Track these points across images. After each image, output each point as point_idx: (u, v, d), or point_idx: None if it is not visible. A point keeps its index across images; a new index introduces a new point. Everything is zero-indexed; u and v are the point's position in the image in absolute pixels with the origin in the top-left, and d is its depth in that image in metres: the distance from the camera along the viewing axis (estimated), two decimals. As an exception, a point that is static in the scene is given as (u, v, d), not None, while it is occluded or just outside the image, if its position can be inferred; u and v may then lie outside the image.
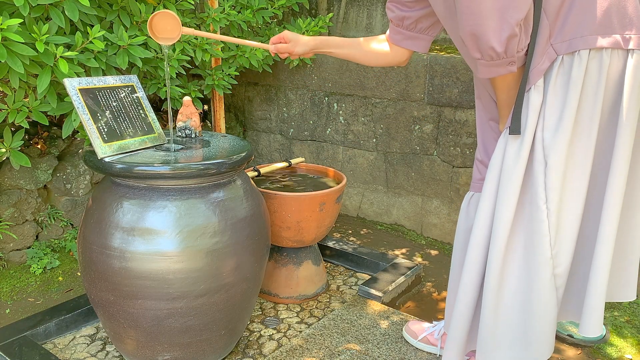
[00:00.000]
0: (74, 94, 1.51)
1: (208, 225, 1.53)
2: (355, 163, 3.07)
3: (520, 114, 1.31)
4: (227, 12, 2.47)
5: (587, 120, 1.27)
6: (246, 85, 3.37)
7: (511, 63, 1.26)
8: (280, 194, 1.99)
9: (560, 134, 1.27)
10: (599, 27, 1.22)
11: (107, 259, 1.50)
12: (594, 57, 1.23)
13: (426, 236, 2.89)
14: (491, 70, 1.28)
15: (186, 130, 1.76)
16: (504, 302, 1.42)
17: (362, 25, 3.32)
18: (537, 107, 1.29)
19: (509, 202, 1.34)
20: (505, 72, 1.28)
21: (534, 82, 1.29)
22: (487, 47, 1.21)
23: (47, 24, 1.67)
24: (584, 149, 1.29)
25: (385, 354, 1.80)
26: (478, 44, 1.22)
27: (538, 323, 1.39)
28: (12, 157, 1.88)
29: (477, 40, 1.21)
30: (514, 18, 1.17)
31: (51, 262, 2.38)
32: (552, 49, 1.26)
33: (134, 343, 1.62)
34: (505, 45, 1.20)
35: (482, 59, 1.25)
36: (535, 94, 1.29)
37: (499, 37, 1.19)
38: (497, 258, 1.38)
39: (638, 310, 2.16)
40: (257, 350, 1.86)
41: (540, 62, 1.27)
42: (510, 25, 1.18)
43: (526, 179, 1.34)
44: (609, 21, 1.22)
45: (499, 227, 1.36)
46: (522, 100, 1.30)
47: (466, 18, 1.20)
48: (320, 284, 2.23)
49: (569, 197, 1.32)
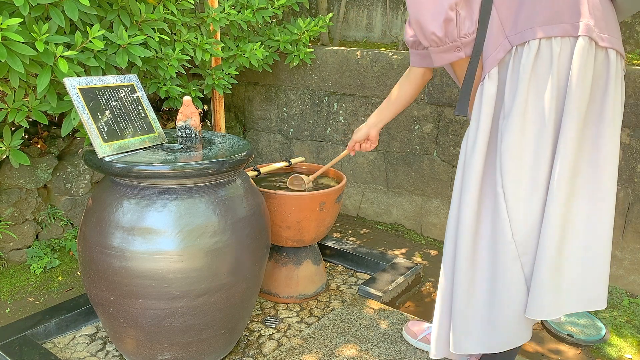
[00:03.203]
0: (74, 94, 1.51)
1: (208, 224, 1.53)
2: (355, 163, 3.07)
3: (467, 97, 1.36)
4: (227, 11, 2.46)
5: (539, 108, 1.29)
6: (246, 84, 3.37)
7: (457, 48, 1.31)
8: (280, 194, 1.99)
9: (511, 119, 1.29)
10: (548, 18, 1.26)
11: (107, 258, 1.50)
12: (544, 46, 1.27)
13: (426, 236, 2.89)
14: (441, 56, 1.34)
15: (186, 129, 1.76)
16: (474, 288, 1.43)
17: (362, 25, 3.32)
18: (491, 95, 1.33)
19: (471, 189, 1.37)
20: (454, 58, 1.33)
21: (488, 71, 1.32)
22: (429, 33, 1.29)
23: (47, 23, 1.67)
24: (538, 136, 1.30)
25: (385, 354, 1.80)
26: (422, 31, 1.30)
27: (504, 309, 1.40)
28: (12, 156, 1.88)
29: (420, 26, 1.29)
30: (447, 2, 1.24)
31: (51, 262, 2.38)
32: (507, 41, 1.30)
33: (134, 342, 1.62)
34: (444, 28, 1.27)
35: (430, 45, 1.32)
36: (489, 82, 1.32)
37: (437, 21, 1.26)
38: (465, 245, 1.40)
39: (638, 310, 2.16)
40: (257, 350, 1.86)
41: (495, 52, 1.31)
42: (444, 9, 1.24)
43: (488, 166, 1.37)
44: (559, 12, 1.26)
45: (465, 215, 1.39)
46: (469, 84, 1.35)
47: (410, 7, 1.29)
48: (320, 283, 2.23)
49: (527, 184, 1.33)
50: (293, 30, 2.85)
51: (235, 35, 2.69)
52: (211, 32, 2.46)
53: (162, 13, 2.06)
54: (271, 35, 2.82)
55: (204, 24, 2.43)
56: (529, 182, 1.33)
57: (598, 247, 1.39)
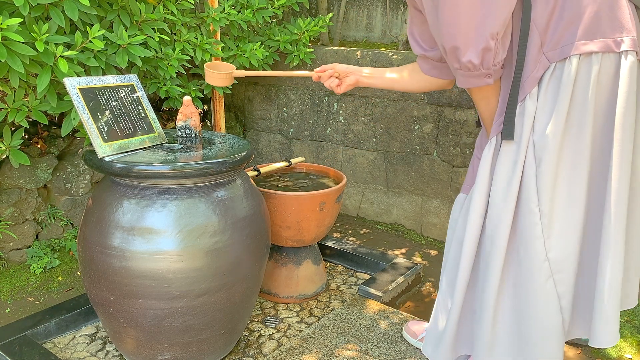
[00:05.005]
0: (74, 94, 1.51)
1: (208, 224, 1.53)
2: (355, 163, 3.07)
3: (512, 120, 1.33)
4: (227, 11, 2.46)
5: (578, 124, 1.28)
6: (246, 84, 3.37)
7: (488, 75, 1.30)
8: (280, 194, 1.99)
9: (551, 137, 1.28)
10: (588, 33, 1.24)
11: (107, 258, 1.50)
12: (584, 61, 1.25)
13: (426, 236, 2.89)
14: (469, 80, 1.32)
15: (186, 129, 1.76)
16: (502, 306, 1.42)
17: (362, 25, 3.32)
18: (532, 115, 1.31)
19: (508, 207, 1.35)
20: (481, 84, 1.32)
21: (529, 91, 1.31)
22: (465, 60, 1.26)
23: (47, 23, 1.67)
24: (576, 153, 1.29)
25: (385, 354, 1.80)
26: (457, 57, 1.27)
27: (534, 328, 1.38)
28: (12, 156, 1.88)
29: (456, 51, 1.26)
30: (489, 31, 1.22)
31: (51, 262, 2.38)
32: (545, 58, 1.28)
33: (134, 342, 1.62)
34: (482, 57, 1.25)
35: (460, 69, 1.30)
36: (531, 102, 1.31)
37: (475, 49, 1.24)
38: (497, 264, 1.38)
39: (638, 310, 2.16)
40: (257, 350, 1.86)
41: (535, 71, 1.30)
42: (485, 39, 1.22)
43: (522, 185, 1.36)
44: (598, 26, 1.24)
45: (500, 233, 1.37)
46: (514, 106, 1.33)
47: (446, 31, 1.25)
48: (320, 283, 2.23)
49: (563, 201, 1.32)
50: (293, 30, 2.85)
51: (235, 35, 2.69)
52: (211, 32, 2.46)
53: (162, 13, 2.06)
54: (271, 35, 2.82)
55: (204, 24, 2.43)
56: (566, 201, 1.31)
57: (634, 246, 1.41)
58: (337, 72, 1.66)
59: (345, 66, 1.67)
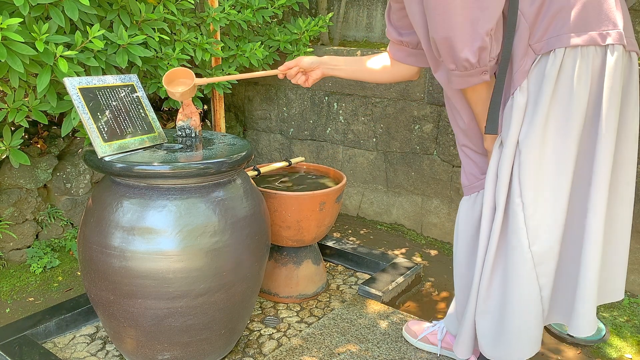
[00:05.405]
0: (74, 94, 1.51)
1: (208, 224, 1.53)
2: (355, 162, 3.07)
3: (496, 115, 1.33)
4: (227, 11, 2.46)
5: (562, 117, 1.27)
6: (246, 84, 3.37)
7: (484, 72, 1.29)
8: (280, 194, 1.99)
9: (532, 128, 1.28)
10: (574, 26, 1.23)
11: (107, 258, 1.50)
12: (569, 55, 1.24)
13: (426, 236, 2.89)
14: (465, 80, 1.31)
15: (186, 129, 1.76)
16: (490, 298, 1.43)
17: (362, 25, 3.32)
18: (523, 108, 1.31)
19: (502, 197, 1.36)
20: (478, 82, 1.31)
21: (519, 84, 1.30)
22: (462, 59, 1.25)
23: (47, 23, 1.67)
24: (561, 145, 1.29)
25: (385, 354, 1.80)
26: (453, 56, 1.26)
27: (516, 320, 1.39)
28: (12, 156, 1.88)
29: (452, 51, 1.25)
30: (484, 29, 1.21)
31: (51, 262, 2.38)
32: (531, 50, 1.28)
33: (134, 342, 1.62)
34: (478, 55, 1.24)
35: (457, 69, 1.29)
36: (521, 95, 1.30)
37: (471, 47, 1.23)
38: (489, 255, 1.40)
39: (638, 310, 2.16)
40: (257, 350, 1.86)
41: (523, 64, 1.29)
42: (481, 36, 1.22)
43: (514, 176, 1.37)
44: (585, 19, 1.23)
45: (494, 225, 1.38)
46: (499, 100, 1.32)
47: (439, 30, 1.24)
48: (320, 283, 2.23)
49: (547, 193, 1.31)
50: (293, 30, 2.85)
51: (235, 35, 2.69)
52: (211, 32, 2.46)
53: (162, 13, 2.06)
54: (271, 35, 2.82)
55: (204, 23, 2.43)
56: (550, 192, 1.31)
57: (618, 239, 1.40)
58: (302, 68, 1.66)
59: (310, 60, 1.65)
